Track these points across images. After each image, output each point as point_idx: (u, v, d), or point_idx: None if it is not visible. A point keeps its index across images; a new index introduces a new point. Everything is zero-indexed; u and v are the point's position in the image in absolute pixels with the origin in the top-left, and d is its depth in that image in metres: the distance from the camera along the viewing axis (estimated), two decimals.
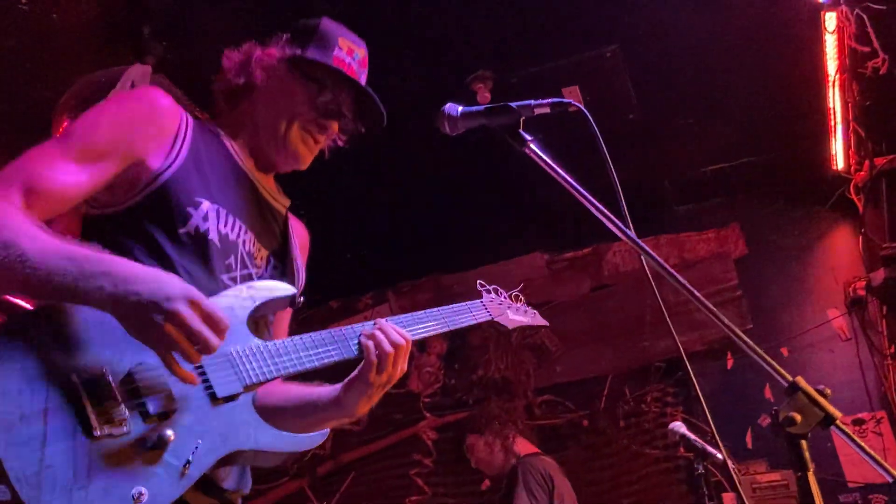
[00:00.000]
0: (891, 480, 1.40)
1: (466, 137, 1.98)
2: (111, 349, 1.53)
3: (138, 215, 1.77)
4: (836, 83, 4.27)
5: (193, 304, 1.48)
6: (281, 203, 2.18)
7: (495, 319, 2.46)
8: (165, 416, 1.53)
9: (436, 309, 2.21)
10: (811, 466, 1.38)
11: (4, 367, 1.38)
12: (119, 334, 1.51)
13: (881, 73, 3.85)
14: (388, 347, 1.90)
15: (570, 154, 1.89)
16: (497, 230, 5.86)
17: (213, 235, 1.84)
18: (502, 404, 5.17)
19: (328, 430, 1.93)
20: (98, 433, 1.42)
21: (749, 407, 5.08)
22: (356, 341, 1.94)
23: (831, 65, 4.23)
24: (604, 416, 5.55)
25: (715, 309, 1.51)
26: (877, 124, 4.41)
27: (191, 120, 1.94)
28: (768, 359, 1.47)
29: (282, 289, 1.91)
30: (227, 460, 1.65)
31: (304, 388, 2.04)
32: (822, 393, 1.43)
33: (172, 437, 1.49)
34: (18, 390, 1.37)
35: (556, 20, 4.18)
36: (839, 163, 4.93)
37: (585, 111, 1.67)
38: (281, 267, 2.11)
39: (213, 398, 1.62)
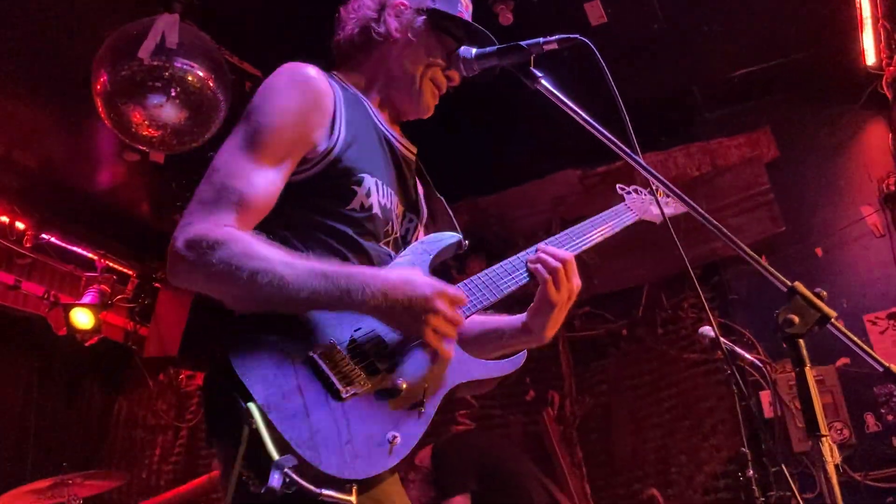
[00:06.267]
0: (881, 370, 1.52)
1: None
2: (331, 325, 1.73)
3: (309, 191, 1.88)
4: None
5: (443, 295, 1.70)
6: (412, 153, 2.23)
7: (643, 218, 2.51)
8: (392, 368, 1.73)
9: (584, 222, 2.30)
10: (808, 363, 1.52)
11: (255, 358, 1.60)
12: (334, 312, 1.74)
13: None
14: (554, 263, 2.01)
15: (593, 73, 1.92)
16: (529, 149, 5.91)
17: (376, 210, 1.94)
18: None
19: (526, 352, 2.03)
20: (345, 394, 1.62)
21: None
22: (524, 268, 2.05)
23: None
24: (642, 325, 5.71)
25: (714, 220, 1.62)
26: None
27: (339, 92, 2.00)
28: (765, 264, 1.60)
29: (448, 237, 2.07)
30: (451, 395, 1.82)
31: (481, 318, 2.15)
32: (818, 295, 1.56)
33: (404, 386, 1.70)
34: (274, 374, 1.59)
35: None
36: (870, 58, 4.85)
37: (590, 44, 1.74)
38: (416, 218, 2.19)
39: (425, 344, 1.76)
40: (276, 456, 1.47)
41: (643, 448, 5.46)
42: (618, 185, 2.53)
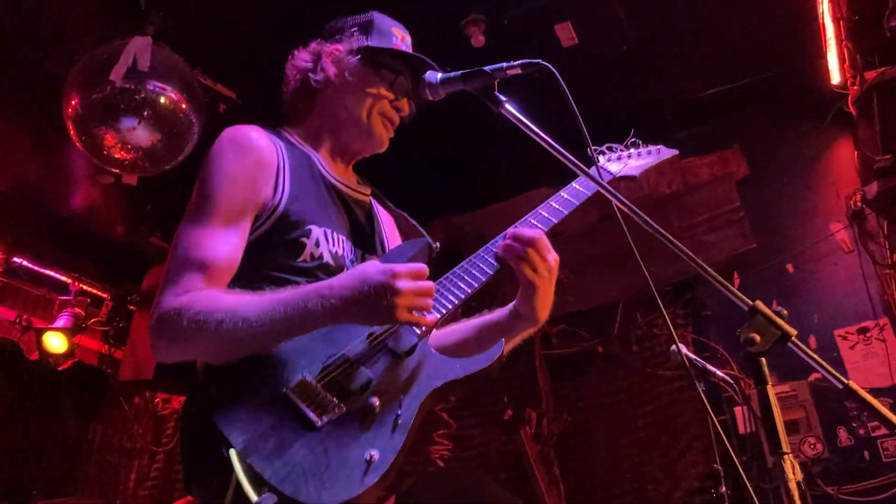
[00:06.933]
0: (840, 387, 1.56)
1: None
2: (300, 357, 1.77)
3: (261, 248, 1.95)
4: None
5: (399, 275, 1.69)
6: (364, 194, 2.30)
7: (621, 174, 2.50)
8: (364, 387, 1.75)
9: (556, 195, 2.32)
10: (769, 381, 1.54)
11: (231, 404, 1.66)
12: (302, 343, 1.77)
13: None
14: (523, 248, 2.00)
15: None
16: (504, 169, 5.96)
17: (327, 258, 2.00)
18: None
19: (502, 342, 2.01)
20: (319, 424, 1.66)
21: None
22: (494, 258, 2.05)
23: None
24: (618, 342, 5.73)
25: (676, 241, 1.64)
26: (867, 38, 4.42)
27: (282, 147, 2.07)
28: (728, 285, 1.62)
29: (412, 245, 2.10)
30: (430, 401, 1.83)
31: (474, 321, 2.20)
32: (779, 314, 1.59)
33: (378, 403, 1.72)
34: (251, 419, 1.64)
35: None
36: (835, 77, 4.95)
37: (552, 68, 1.77)
38: (376, 259, 2.21)
39: (397, 357, 1.83)
40: (254, 498, 1.51)
41: (620, 465, 5.47)
42: (589, 148, 2.34)
